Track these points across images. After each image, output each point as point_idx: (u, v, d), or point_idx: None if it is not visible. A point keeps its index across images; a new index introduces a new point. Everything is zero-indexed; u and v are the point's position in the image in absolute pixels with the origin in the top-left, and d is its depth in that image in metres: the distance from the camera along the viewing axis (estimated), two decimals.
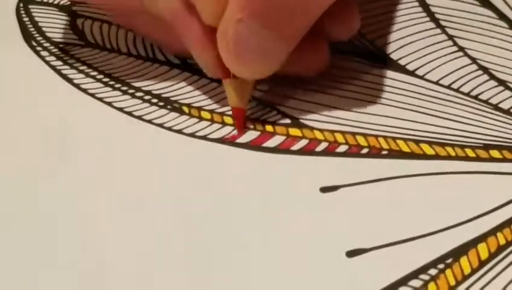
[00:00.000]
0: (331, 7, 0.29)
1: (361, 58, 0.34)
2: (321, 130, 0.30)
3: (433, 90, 0.32)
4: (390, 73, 0.33)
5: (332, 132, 0.30)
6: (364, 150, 0.30)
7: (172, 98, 0.32)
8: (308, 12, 0.29)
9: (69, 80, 0.33)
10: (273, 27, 0.28)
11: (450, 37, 0.35)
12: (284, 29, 0.29)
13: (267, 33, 0.28)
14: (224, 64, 0.29)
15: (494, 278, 0.25)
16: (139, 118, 0.31)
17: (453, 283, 0.25)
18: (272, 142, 0.30)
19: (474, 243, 0.26)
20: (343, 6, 0.31)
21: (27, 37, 0.35)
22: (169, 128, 0.31)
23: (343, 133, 0.30)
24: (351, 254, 0.26)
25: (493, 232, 0.27)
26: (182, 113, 0.32)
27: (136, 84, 0.33)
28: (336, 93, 0.32)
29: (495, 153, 0.29)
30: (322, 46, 0.31)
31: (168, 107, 0.32)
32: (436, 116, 0.31)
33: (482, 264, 0.26)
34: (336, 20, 0.31)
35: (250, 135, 0.30)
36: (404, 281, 0.25)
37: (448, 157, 0.29)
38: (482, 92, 0.32)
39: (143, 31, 0.34)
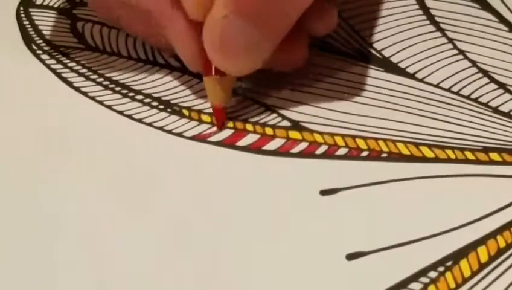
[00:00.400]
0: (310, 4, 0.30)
1: (361, 61, 0.34)
2: (321, 133, 0.30)
3: (433, 93, 0.32)
4: (390, 76, 0.33)
5: (332, 134, 0.30)
6: (364, 153, 0.30)
7: (172, 101, 0.32)
8: (292, 10, 0.29)
9: (69, 83, 0.33)
10: (258, 24, 0.29)
11: (450, 40, 0.35)
12: (269, 27, 0.29)
13: (252, 30, 0.29)
14: (206, 60, 0.30)
15: (494, 281, 0.25)
16: (139, 121, 0.31)
17: (453, 285, 0.25)
18: (271, 145, 0.30)
19: (474, 245, 0.26)
20: (322, 3, 0.31)
21: (27, 40, 0.35)
22: (170, 132, 0.31)
23: (343, 136, 0.30)
24: (351, 257, 0.26)
25: (493, 235, 0.27)
26: (182, 116, 0.32)
27: (136, 88, 0.33)
28: (336, 96, 0.32)
29: (495, 156, 0.29)
30: (301, 42, 0.32)
31: (168, 110, 0.32)
32: (436, 119, 0.31)
33: (482, 267, 0.26)
34: (315, 17, 0.31)
35: (250, 138, 0.30)
36: (404, 284, 0.25)
37: (448, 160, 0.29)
38: (482, 95, 0.32)
39: (123, 23, 0.34)
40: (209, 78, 0.30)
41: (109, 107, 0.32)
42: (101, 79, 0.33)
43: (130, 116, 0.31)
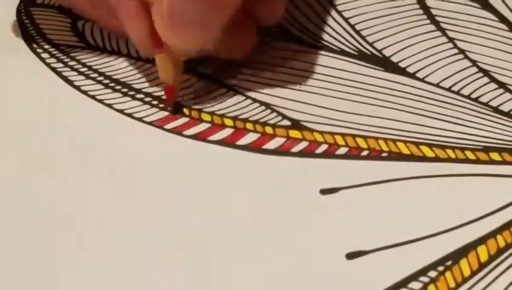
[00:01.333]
0: None
1: (361, 60, 0.34)
2: (321, 132, 0.30)
3: (434, 93, 0.32)
4: (390, 75, 0.33)
5: (333, 134, 0.30)
6: (364, 152, 0.30)
7: None
8: None
9: (70, 82, 0.33)
10: None
11: (451, 40, 0.35)
12: (218, 1, 0.30)
13: (201, 4, 0.29)
14: (156, 39, 0.30)
15: (493, 280, 0.25)
16: (140, 119, 0.31)
17: (452, 285, 0.25)
18: (272, 144, 0.30)
19: (474, 245, 0.26)
20: None
21: (28, 39, 0.35)
22: (170, 130, 0.31)
23: (343, 135, 0.30)
24: (351, 256, 0.26)
25: (493, 234, 0.27)
26: (183, 115, 0.32)
27: (137, 86, 0.33)
28: (336, 96, 0.32)
29: (495, 156, 0.29)
30: (250, 28, 0.32)
31: (169, 109, 0.32)
32: (436, 118, 0.31)
33: (482, 266, 0.26)
34: (262, 6, 0.32)
35: (251, 137, 0.30)
36: (404, 283, 0.25)
37: (448, 159, 0.29)
38: (482, 95, 0.32)
39: (82, 8, 0.35)
40: (161, 56, 0.31)
41: (109, 105, 0.32)
42: (101, 78, 0.33)
43: (130, 115, 0.31)
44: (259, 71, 0.33)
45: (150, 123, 0.31)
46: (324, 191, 0.28)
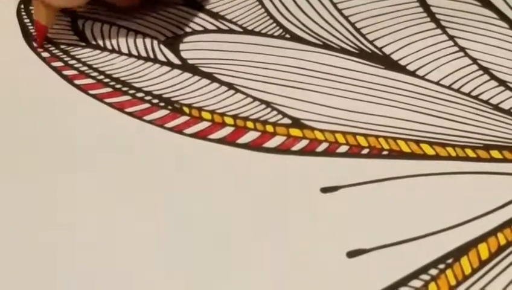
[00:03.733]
0: None
1: (361, 58, 0.34)
2: (322, 131, 0.30)
3: (434, 91, 0.32)
4: (391, 73, 0.33)
5: (333, 132, 0.30)
6: (365, 151, 0.30)
7: (173, 99, 0.32)
8: None
9: (70, 81, 0.33)
10: None
11: (451, 38, 0.35)
12: None
13: None
14: None
15: (494, 278, 0.25)
16: (140, 118, 0.31)
17: (453, 282, 0.25)
18: (272, 143, 0.30)
19: (474, 243, 0.26)
20: None
21: (28, 38, 0.35)
22: (170, 129, 0.31)
23: (343, 133, 0.30)
24: (352, 254, 0.26)
25: (493, 232, 0.27)
26: (183, 113, 0.32)
27: (137, 85, 0.33)
28: (337, 94, 0.32)
29: (495, 153, 0.29)
30: None
31: (169, 107, 0.32)
32: (436, 116, 0.31)
33: (483, 264, 0.26)
34: None
35: (251, 135, 0.30)
36: (404, 281, 0.25)
37: (449, 157, 0.29)
38: (483, 92, 0.32)
39: None
40: (35, 1, 0.34)
41: (110, 104, 0.32)
42: (102, 76, 0.33)
43: (130, 114, 0.31)
44: (259, 70, 0.33)
45: (150, 122, 0.31)
46: (325, 190, 0.28)
